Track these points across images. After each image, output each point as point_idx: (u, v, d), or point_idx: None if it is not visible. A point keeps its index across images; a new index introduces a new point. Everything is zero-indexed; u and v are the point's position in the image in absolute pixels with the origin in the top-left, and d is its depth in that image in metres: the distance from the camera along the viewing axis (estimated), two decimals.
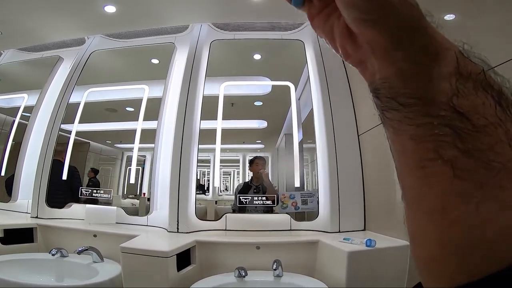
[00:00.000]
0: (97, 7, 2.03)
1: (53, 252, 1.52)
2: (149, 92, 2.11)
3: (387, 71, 0.23)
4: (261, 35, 2.20)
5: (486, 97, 0.21)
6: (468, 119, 0.20)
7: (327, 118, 1.85)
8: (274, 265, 1.37)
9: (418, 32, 0.22)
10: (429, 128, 0.21)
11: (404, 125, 0.22)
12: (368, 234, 1.61)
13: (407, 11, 0.22)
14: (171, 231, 1.70)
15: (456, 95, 0.21)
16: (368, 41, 0.24)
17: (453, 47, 0.23)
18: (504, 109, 0.20)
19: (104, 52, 2.35)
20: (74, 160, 2.08)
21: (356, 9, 0.23)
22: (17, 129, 2.34)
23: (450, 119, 0.20)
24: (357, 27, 0.24)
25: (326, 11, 0.27)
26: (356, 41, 0.26)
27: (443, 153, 0.20)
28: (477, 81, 0.21)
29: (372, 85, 0.25)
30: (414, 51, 0.22)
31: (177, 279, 1.33)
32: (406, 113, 0.22)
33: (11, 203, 2.17)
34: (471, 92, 0.21)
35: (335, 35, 0.27)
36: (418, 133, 0.21)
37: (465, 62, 0.22)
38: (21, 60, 2.60)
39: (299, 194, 1.76)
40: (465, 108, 0.20)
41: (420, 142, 0.21)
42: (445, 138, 0.20)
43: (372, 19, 0.22)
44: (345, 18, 0.24)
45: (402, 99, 0.22)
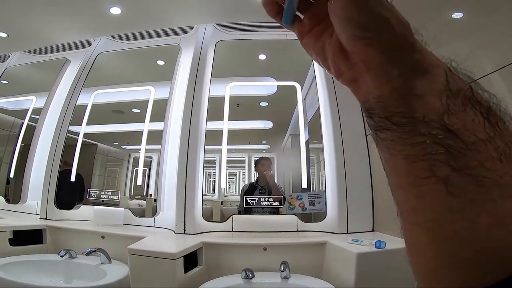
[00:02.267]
0: (103, 9, 2.04)
1: (61, 253, 1.53)
2: (155, 93, 2.12)
3: (382, 89, 0.23)
4: (266, 35, 2.19)
5: (475, 114, 0.21)
6: (459, 137, 0.20)
7: (334, 118, 1.83)
8: (281, 266, 1.36)
9: (409, 49, 0.23)
10: (423, 147, 0.21)
11: (398, 145, 0.22)
12: (377, 235, 1.59)
13: (401, 29, 0.23)
14: (178, 232, 1.70)
15: (447, 113, 0.21)
16: (363, 59, 0.24)
17: (441, 64, 0.23)
18: (493, 125, 0.20)
19: (110, 53, 2.37)
20: (82, 161, 2.10)
21: (353, 26, 0.23)
22: (26, 131, 2.37)
23: (442, 137, 0.20)
24: (353, 44, 0.23)
25: (317, 29, 0.28)
26: (349, 59, 0.25)
27: (436, 171, 0.20)
28: (466, 98, 0.21)
29: (366, 105, 0.25)
30: (406, 69, 0.22)
31: (184, 281, 1.33)
32: (400, 133, 0.22)
33: (21, 205, 2.19)
34: (461, 109, 0.21)
35: (327, 53, 0.27)
36: (412, 152, 0.21)
37: (454, 78, 0.22)
38: (29, 62, 2.64)
39: (306, 195, 1.75)
40: (456, 126, 0.20)
41: (414, 161, 0.21)
42: (438, 157, 0.20)
43: (369, 36, 0.23)
44: (339, 35, 0.24)
45: (397, 118, 0.22)
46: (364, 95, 0.25)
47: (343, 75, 0.27)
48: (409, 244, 0.23)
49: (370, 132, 0.25)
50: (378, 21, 0.22)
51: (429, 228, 0.21)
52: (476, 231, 0.19)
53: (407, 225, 0.23)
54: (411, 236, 0.23)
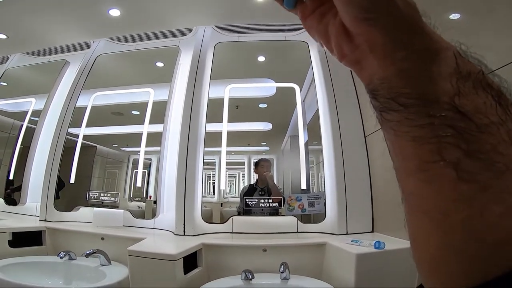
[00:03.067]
0: (102, 11, 2.05)
1: (61, 255, 1.52)
2: (155, 95, 2.12)
3: (387, 71, 0.22)
4: (265, 37, 2.20)
5: (487, 97, 0.20)
6: (471, 119, 0.19)
7: (333, 119, 1.84)
8: (281, 267, 1.36)
9: (417, 31, 0.22)
10: (431, 129, 0.20)
11: (405, 127, 0.21)
12: (376, 236, 1.59)
13: (408, 11, 0.22)
14: (177, 234, 1.70)
15: (457, 95, 0.20)
16: (367, 40, 0.23)
17: (451, 47, 0.22)
18: (504, 109, 0.20)
19: (110, 55, 2.37)
20: (81, 164, 2.10)
21: (356, 7, 0.22)
22: (25, 133, 2.36)
23: (452, 119, 0.20)
24: (357, 26, 0.23)
25: (319, 10, 0.27)
26: (353, 41, 0.25)
27: (446, 155, 0.19)
28: (477, 81, 0.21)
29: (370, 86, 0.24)
30: (415, 51, 0.22)
31: (184, 282, 1.33)
32: (407, 114, 0.21)
33: (20, 206, 2.19)
34: (472, 92, 0.20)
35: (331, 34, 0.26)
36: (419, 134, 0.21)
37: (463, 61, 0.22)
38: (28, 64, 2.64)
39: (306, 196, 1.75)
40: (467, 107, 0.20)
41: (421, 144, 0.21)
42: (447, 139, 0.20)
43: (373, 17, 0.22)
44: (343, 17, 0.24)
45: (403, 99, 0.21)
46: (368, 76, 0.24)
47: (346, 56, 0.26)
48: (413, 234, 0.23)
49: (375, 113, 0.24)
50: (380, 2, 0.22)
51: (435, 216, 0.20)
52: (485, 221, 0.18)
53: (411, 213, 0.22)
54: (416, 225, 0.22)
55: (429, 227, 0.21)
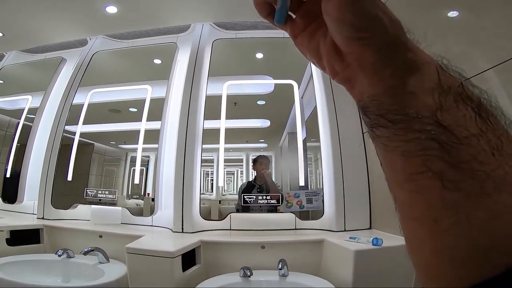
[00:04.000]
0: (99, 8, 2.03)
1: (59, 253, 1.52)
2: (152, 92, 2.11)
3: (376, 88, 0.23)
4: (263, 34, 2.19)
5: (466, 109, 0.21)
6: (452, 132, 0.21)
7: (331, 116, 1.83)
8: (279, 264, 1.37)
9: (402, 48, 0.23)
10: (417, 143, 0.21)
11: (394, 142, 0.23)
12: (374, 233, 1.59)
13: (394, 29, 0.23)
14: (176, 231, 1.70)
15: (439, 109, 0.21)
16: (357, 59, 0.24)
17: (433, 62, 0.23)
18: (484, 120, 0.21)
19: (107, 53, 2.36)
20: (79, 161, 2.09)
21: (347, 26, 0.23)
22: (22, 131, 2.35)
23: (435, 133, 0.21)
24: (348, 45, 0.24)
25: (310, 28, 0.28)
26: (343, 59, 0.26)
27: (431, 166, 0.21)
28: (457, 94, 0.22)
29: (360, 103, 0.25)
30: (400, 68, 0.23)
31: (183, 279, 1.33)
32: (395, 130, 0.22)
33: (18, 204, 2.19)
34: (452, 105, 0.21)
35: (322, 53, 0.27)
36: (407, 148, 0.22)
37: (445, 76, 0.22)
38: (24, 61, 2.62)
39: (304, 193, 1.75)
40: (448, 121, 0.21)
41: (409, 157, 0.22)
42: (432, 152, 0.21)
43: (364, 37, 0.23)
44: (334, 36, 0.24)
45: (391, 116, 0.22)
46: (359, 93, 0.25)
47: (338, 74, 0.27)
48: (408, 239, 0.24)
49: (367, 129, 0.25)
50: (372, 22, 0.22)
51: (426, 222, 0.21)
52: (472, 225, 0.19)
53: (405, 220, 0.24)
54: (409, 231, 0.23)
55: (421, 233, 0.22)
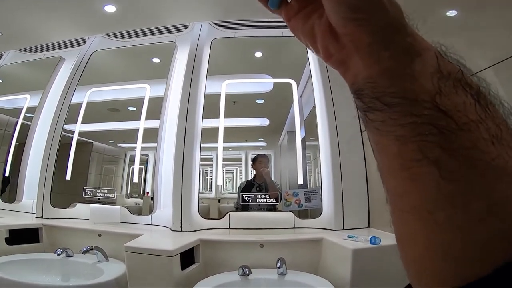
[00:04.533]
0: (97, 7, 2.02)
1: (58, 252, 1.53)
2: (151, 91, 2.11)
3: (372, 70, 0.23)
4: (261, 33, 2.19)
5: (466, 96, 0.21)
6: (451, 118, 0.20)
7: (330, 115, 1.83)
8: (278, 263, 1.37)
9: (402, 31, 0.22)
10: (414, 128, 0.20)
11: (388, 126, 0.22)
12: (372, 231, 1.60)
13: (393, 11, 0.22)
14: (175, 230, 1.70)
15: (438, 94, 0.21)
16: (353, 40, 0.23)
17: (432, 48, 0.23)
18: (483, 107, 0.20)
19: (105, 52, 2.35)
20: (77, 160, 2.09)
21: (345, 6, 0.22)
22: (20, 130, 2.35)
23: (434, 118, 0.20)
24: (344, 26, 0.23)
25: (305, 11, 0.27)
26: (339, 41, 0.25)
27: (428, 153, 0.20)
28: (456, 80, 0.21)
29: (354, 86, 0.24)
30: (399, 51, 0.22)
31: (182, 278, 1.33)
32: (390, 113, 0.21)
33: (16, 204, 2.19)
34: (452, 91, 0.21)
35: (316, 34, 0.26)
36: (402, 133, 0.21)
37: (444, 61, 0.22)
38: (23, 61, 2.61)
39: (302, 191, 1.75)
40: (448, 106, 0.20)
41: (405, 142, 0.21)
42: (430, 138, 0.20)
43: (361, 17, 0.22)
44: (330, 17, 0.24)
45: (387, 98, 0.22)
46: (353, 76, 0.25)
47: (332, 57, 0.26)
48: (399, 234, 0.23)
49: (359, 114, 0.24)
50: (370, 2, 0.22)
51: (420, 214, 0.20)
52: (469, 218, 0.19)
53: (396, 212, 0.23)
54: (401, 224, 0.22)
55: (415, 226, 0.21)
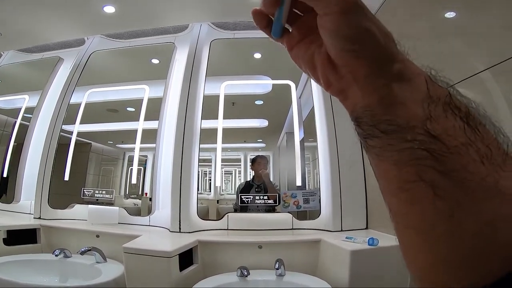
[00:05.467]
0: (96, 8, 2.02)
1: (56, 252, 1.52)
2: (150, 92, 2.11)
3: (370, 99, 0.24)
4: (261, 34, 2.16)
5: (455, 119, 0.22)
6: (442, 142, 0.21)
7: (328, 116, 1.84)
8: (276, 264, 1.37)
9: (392, 59, 0.24)
10: (410, 153, 0.22)
11: (387, 152, 0.23)
12: (370, 233, 1.60)
13: (386, 41, 0.24)
14: (173, 231, 1.70)
15: (429, 119, 0.22)
16: (351, 70, 0.25)
17: (422, 73, 0.24)
18: (473, 129, 0.21)
19: (104, 52, 2.35)
20: (76, 160, 2.08)
21: (342, 39, 0.24)
22: (19, 130, 2.34)
23: (426, 143, 0.21)
24: (342, 57, 0.24)
25: (306, 40, 0.29)
26: (337, 71, 0.26)
27: (423, 175, 0.21)
28: (446, 104, 0.22)
29: (354, 114, 0.26)
30: (391, 78, 0.23)
31: (180, 279, 1.33)
32: (388, 139, 0.23)
33: (14, 204, 2.18)
34: (441, 115, 0.22)
35: (316, 64, 0.28)
36: (399, 158, 0.22)
37: (434, 86, 0.23)
38: (21, 61, 2.61)
39: (301, 193, 1.76)
40: (438, 131, 0.21)
41: (402, 167, 0.22)
42: (424, 162, 0.21)
43: (357, 49, 0.24)
44: (328, 48, 0.25)
45: (384, 126, 0.23)
46: (352, 105, 0.26)
47: (332, 86, 0.28)
48: (404, 247, 0.24)
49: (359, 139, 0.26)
50: (365, 35, 0.23)
51: (420, 231, 0.22)
52: (465, 233, 0.20)
53: (399, 229, 0.24)
54: (405, 239, 0.24)
55: (415, 241, 0.23)
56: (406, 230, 0.23)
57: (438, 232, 0.21)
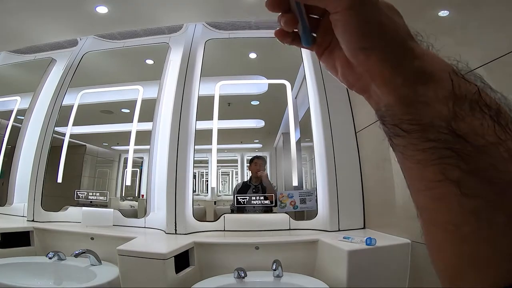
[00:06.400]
0: (89, 8, 2.00)
1: (50, 255, 1.50)
2: (146, 93, 2.09)
3: (389, 97, 0.23)
4: (256, 34, 2.19)
5: (484, 117, 0.21)
6: (468, 141, 0.20)
7: (324, 116, 1.84)
8: (273, 265, 1.36)
9: (409, 55, 0.23)
10: (433, 152, 0.21)
11: (410, 151, 0.23)
12: (368, 232, 1.60)
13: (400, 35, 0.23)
14: (169, 232, 1.69)
15: (454, 119, 0.21)
16: (367, 70, 0.24)
17: (446, 67, 0.23)
18: (503, 128, 0.20)
19: (98, 53, 2.33)
20: (70, 163, 2.06)
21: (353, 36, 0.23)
22: (11, 133, 2.31)
23: (451, 142, 0.21)
24: (355, 56, 0.24)
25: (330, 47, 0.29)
26: (355, 71, 0.26)
27: (448, 174, 0.21)
28: (473, 102, 0.21)
29: (378, 113, 0.25)
30: (409, 76, 0.22)
31: (176, 281, 1.32)
32: (410, 139, 0.22)
33: (7, 207, 2.15)
34: (468, 114, 0.21)
35: (337, 66, 0.28)
36: (423, 157, 0.22)
37: (459, 82, 0.22)
38: (13, 62, 2.57)
39: (297, 193, 1.75)
40: (464, 130, 0.21)
41: (426, 165, 0.22)
42: (448, 161, 0.21)
43: (368, 46, 0.23)
44: (344, 49, 0.25)
45: (405, 125, 0.22)
46: (375, 103, 0.26)
47: (354, 86, 0.28)
48: (430, 244, 0.24)
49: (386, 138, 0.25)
50: (377, 30, 0.23)
51: (447, 229, 0.22)
52: (493, 231, 0.19)
53: (426, 226, 0.24)
54: (431, 236, 0.24)
55: (442, 239, 0.22)
56: (432, 227, 0.23)
57: (464, 230, 0.20)
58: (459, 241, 0.21)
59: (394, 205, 1.40)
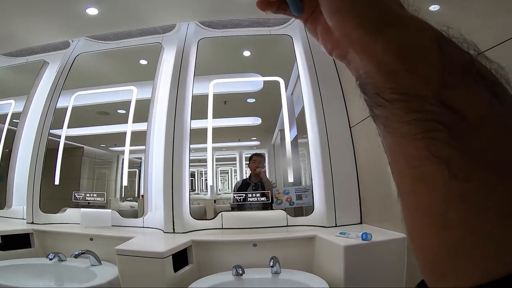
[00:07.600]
0: (78, 10, 1.98)
1: (50, 256, 1.52)
2: (140, 93, 2.09)
3: (368, 64, 0.21)
4: (249, 31, 2.18)
5: (478, 88, 0.19)
6: (459, 114, 0.18)
7: (318, 112, 1.84)
8: (270, 262, 1.37)
9: (392, 20, 0.20)
10: (418, 124, 0.19)
11: (392, 122, 0.20)
12: (364, 228, 1.61)
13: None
14: (167, 231, 1.70)
15: (443, 88, 0.19)
16: (343, 34, 0.22)
17: (435, 34, 0.20)
18: (500, 101, 0.18)
19: (90, 54, 2.31)
20: (68, 165, 2.06)
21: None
22: (7, 136, 2.31)
23: (440, 114, 0.18)
24: (331, 19, 0.22)
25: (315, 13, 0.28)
26: (333, 36, 0.25)
27: (436, 151, 0.18)
28: (466, 70, 0.19)
29: (359, 80, 0.23)
30: (392, 42, 0.20)
31: (175, 280, 1.33)
32: (393, 109, 0.20)
33: (6, 210, 2.16)
34: (460, 84, 0.19)
35: (318, 32, 0.27)
36: (407, 130, 0.19)
37: (449, 50, 0.20)
38: (6, 65, 2.55)
39: (293, 189, 1.76)
40: (455, 101, 0.18)
41: (410, 140, 0.19)
42: (436, 135, 0.18)
43: (342, 7, 0.21)
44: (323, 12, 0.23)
45: (387, 94, 0.20)
46: (355, 70, 0.24)
47: (333, 51, 0.27)
48: (410, 230, 0.22)
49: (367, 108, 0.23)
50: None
51: (430, 214, 0.19)
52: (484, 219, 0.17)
53: (407, 210, 0.22)
54: (412, 221, 0.21)
55: (425, 225, 0.20)
56: (414, 212, 0.21)
57: (451, 217, 0.18)
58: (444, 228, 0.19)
59: (391, 200, 1.41)
